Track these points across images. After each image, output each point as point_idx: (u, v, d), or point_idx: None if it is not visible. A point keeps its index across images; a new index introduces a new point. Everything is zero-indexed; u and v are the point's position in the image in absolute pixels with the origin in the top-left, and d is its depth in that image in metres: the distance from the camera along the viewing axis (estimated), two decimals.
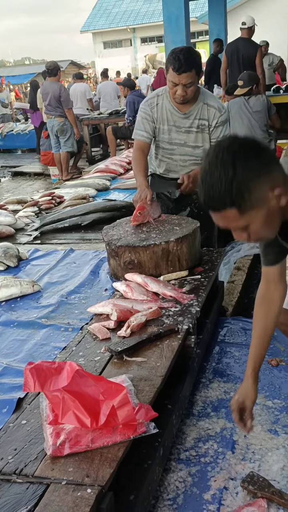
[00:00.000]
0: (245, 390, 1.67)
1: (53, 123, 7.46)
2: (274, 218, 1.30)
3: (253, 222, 1.26)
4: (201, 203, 1.31)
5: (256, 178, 1.20)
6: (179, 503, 1.65)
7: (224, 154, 1.21)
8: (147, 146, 2.96)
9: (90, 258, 3.09)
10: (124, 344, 1.97)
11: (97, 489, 1.29)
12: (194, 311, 2.24)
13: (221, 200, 1.22)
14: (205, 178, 1.23)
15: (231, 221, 1.27)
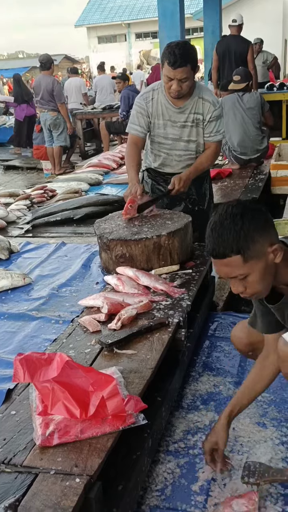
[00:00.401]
0: (218, 432, 1.68)
1: (46, 117, 7.42)
2: (270, 273, 1.43)
3: (253, 273, 1.39)
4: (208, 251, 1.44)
5: (260, 232, 1.38)
6: (167, 494, 1.66)
7: (234, 209, 1.39)
8: (141, 141, 2.95)
9: (81, 251, 3.09)
10: (115, 336, 1.98)
11: (85, 479, 1.29)
12: (185, 305, 2.25)
13: (228, 246, 1.36)
14: (214, 228, 1.40)
15: (234, 268, 1.39)
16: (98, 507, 1.29)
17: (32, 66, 23.38)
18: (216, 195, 4.59)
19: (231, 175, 5.16)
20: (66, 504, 1.22)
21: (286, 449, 1.83)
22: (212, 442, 1.68)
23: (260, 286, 1.44)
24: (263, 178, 5.02)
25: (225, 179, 5.04)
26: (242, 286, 1.43)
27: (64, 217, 3.78)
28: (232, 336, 1.95)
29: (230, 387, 2.22)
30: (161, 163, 3.04)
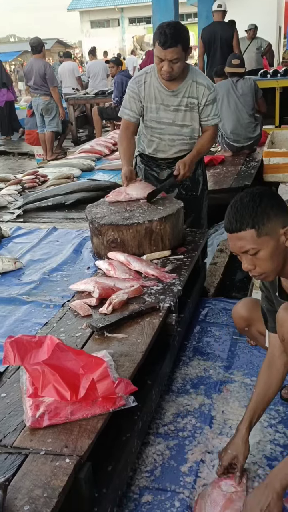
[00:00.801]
0: (238, 445, 1.62)
1: (38, 102, 7.33)
2: (279, 255, 1.49)
3: (264, 249, 1.46)
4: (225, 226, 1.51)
5: (275, 212, 1.46)
6: (157, 475, 1.68)
7: (255, 190, 1.50)
8: (133, 126, 2.93)
9: (73, 236, 3.08)
10: (106, 320, 1.98)
11: (75, 459, 1.30)
12: (176, 290, 2.25)
13: (244, 220, 1.45)
14: (234, 205, 1.49)
15: (247, 242, 1.46)
16: (87, 487, 1.30)
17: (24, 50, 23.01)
18: (209, 182, 4.56)
19: (224, 162, 5.15)
20: (56, 484, 1.23)
21: (274, 431, 1.85)
22: (232, 456, 1.61)
23: (269, 265, 1.49)
24: (255, 165, 5.01)
25: (218, 166, 5.03)
26: (252, 263, 1.49)
27: (55, 203, 3.76)
28: (233, 310, 1.95)
29: (220, 371, 2.24)
30: (154, 149, 3.02)
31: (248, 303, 1.92)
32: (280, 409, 1.96)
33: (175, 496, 1.59)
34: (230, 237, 1.52)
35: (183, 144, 2.94)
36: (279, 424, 1.89)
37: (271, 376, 1.69)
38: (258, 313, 1.86)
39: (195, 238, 2.85)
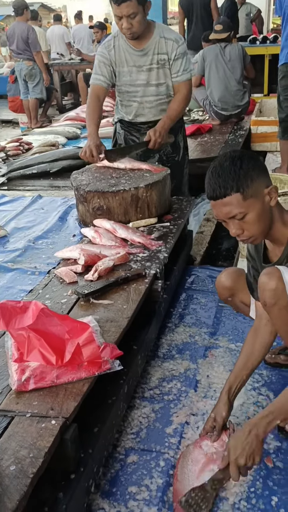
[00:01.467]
0: (217, 407, 1.65)
1: (21, 67, 7.10)
2: (266, 217, 1.49)
3: (251, 212, 1.45)
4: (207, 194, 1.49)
5: (257, 172, 1.46)
6: (142, 436, 1.71)
7: (233, 154, 1.49)
8: (103, 91, 2.83)
9: (58, 204, 3.04)
10: (91, 287, 1.97)
11: (61, 421, 1.31)
12: (162, 257, 2.25)
13: (228, 185, 1.43)
14: (214, 171, 1.46)
15: (233, 207, 1.45)
16: (73, 447, 1.32)
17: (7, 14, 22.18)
18: (196, 151, 4.55)
19: (211, 130, 5.09)
20: (42, 445, 1.24)
21: (258, 394, 1.89)
22: (211, 418, 1.65)
23: (257, 227, 1.49)
24: (243, 134, 4.96)
25: (205, 135, 4.97)
26: (240, 227, 1.49)
27: (40, 170, 3.70)
28: (217, 280, 1.95)
29: (205, 337, 2.26)
30: (134, 114, 2.96)
31: (231, 273, 1.91)
32: (264, 373, 2.00)
33: (160, 456, 1.62)
34: (215, 205, 1.49)
35: (161, 104, 2.88)
36: (262, 387, 1.92)
37: (255, 344, 1.71)
38: (241, 283, 1.87)
39: (181, 206, 2.83)
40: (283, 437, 1.67)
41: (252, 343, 1.71)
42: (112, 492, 1.49)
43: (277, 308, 1.51)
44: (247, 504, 1.44)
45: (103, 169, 2.80)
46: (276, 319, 1.56)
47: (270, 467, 1.56)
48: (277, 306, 1.51)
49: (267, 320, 1.71)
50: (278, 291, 1.49)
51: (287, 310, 1.51)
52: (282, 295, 1.49)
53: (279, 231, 1.56)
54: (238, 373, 1.68)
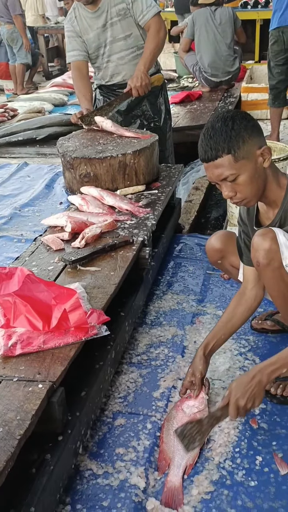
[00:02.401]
0: (194, 363, 1.69)
1: (3, 31, 6.86)
2: (259, 178, 1.48)
3: (243, 173, 1.44)
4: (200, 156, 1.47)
5: (249, 133, 1.43)
6: (130, 400, 1.73)
7: (225, 114, 1.46)
8: (84, 65, 2.82)
9: (45, 172, 2.99)
10: (78, 254, 1.96)
11: (48, 384, 1.32)
12: (150, 224, 2.23)
13: (219, 146, 1.41)
14: (206, 132, 1.45)
15: (225, 168, 1.43)
16: (60, 410, 1.33)
17: None
18: (185, 118, 4.47)
19: (201, 97, 5.01)
20: (29, 408, 1.24)
21: (244, 359, 1.91)
22: (189, 373, 1.68)
23: (250, 189, 1.47)
24: (233, 101, 4.89)
25: (195, 102, 4.88)
26: (232, 190, 1.48)
27: (26, 137, 3.62)
28: (207, 242, 1.94)
29: (193, 304, 2.27)
30: (110, 75, 2.91)
31: (221, 236, 1.91)
32: (250, 339, 2.02)
33: (147, 419, 1.64)
34: (207, 167, 1.48)
35: (134, 57, 2.82)
36: (248, 352, 1.94)
37: (238, 306, 1.73)
38: (231, 246, 1.86)
39: (170, 173, 2.80)
40: (268, 399, 1.70)
41: (236, 305, 1.73)
42: (99, 454, 1.52)
43: (270, 269, 1.51)
44: (232, 463, 1.47)
45: (90, 135, 2.75)
46: (268, 280, 1.56)
47: (254, 428, 1.59)
48: (270, 267, 1.51)
49: (254, 285, 1.72)
50: (271, 251, 1.49)
51: (279, 272, 1.51)
52: (275, 256, 1.49)
53: (274, 193, 1.55)
54: (217, 332, 1.71)
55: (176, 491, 1.39)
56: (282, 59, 3.96)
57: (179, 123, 4.28)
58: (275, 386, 1.71)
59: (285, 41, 3.86)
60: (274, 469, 1.45)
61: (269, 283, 1.57)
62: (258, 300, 1.74)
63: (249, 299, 1.73)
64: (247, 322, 2.09)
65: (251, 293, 1.74)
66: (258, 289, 1.74)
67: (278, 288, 1.56)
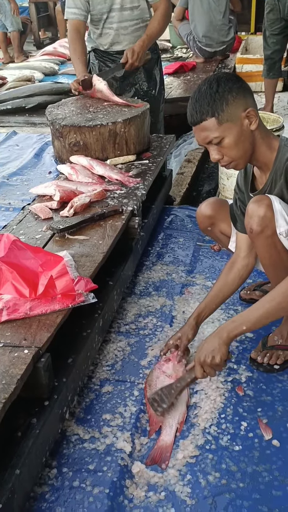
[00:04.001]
0: (184, 329, 1.72)
1: None
2: (246, 140, 1.46)
3: (227, 136, 1.43)
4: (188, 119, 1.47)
5: (234, 95, 1.41)
6: (117, 368, 1.74)
7: (211, 77, 1.47)
8: (82, 25, 2.71)
9: (34, 141, 2.94)
10: (67, 222, 1.93)
11: (34, 350, 1.31)
12: (140, 194, 2.20)
13: (203, 110, 1.42)
14: (193, 96, 1.46)
15: (209, 132, 1.43)
16: (46, 375, 1.33)
17: None
18: (178, 89, 4.40)
19: (195, 68, 4.92)
20: (14, 372, 1.24)
21: None
22: (176, 336, 1.71)
23: (236, 152, 1.46)
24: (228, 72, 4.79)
25: (188, 73, 4.80)
26: (219, 153, 1.47)
27: (15, 106, 3.54)
28: (198, 209, 1.92)
29: (182, 275, 2.27)
30: (110, 42, 2.83)
31: (212, 203, 1.89)
32: (239, 309, 2.02)
33: (134, 386, 1.65)
34: (194, 130, 1.49)
35: (137, 29, 2.76)
36: None
37: (229, 274, 1.72)
38: (223, 213, 1.85)
39: (161, 143, 2.75)
40: (254, 368, 1.72)
41: (227, 273, 1.73)
42: (86, 419, 1.53)
43: (263, 236, 1.50)
44: (217, 429, 1.49)
45: (80, 103, 2.69)
46: (260, 248, 1.55)
47: (240, 396, 1.61)
48: (263, 235, 1.50)
49: (246, 253, 1.72)
50: (266, 218, 1.47)
51: (272, 240, 1.50)
52: (269, 224, 1.48)
53: (264, 156, 1.53)
54: (209, 301, 1.72)
55: (166, 449, 1.42)
56: (277, 28, 3.88)
57: (172, 94, 4.21)
58: (262, 355, 1.73)
59: (281, 9, 3.77)
60: (259, 435, 1.47)
61: (261, 251, 1.56)
62: (249, 268, 1.74)
63: (241, 268, 1.73)
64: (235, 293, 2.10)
65: (243, 262, 1.74)
66: (250, 257, 1.74)
67: (269, 256, 1.55)
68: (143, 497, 1.30)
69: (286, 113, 4.48)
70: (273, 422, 1.51)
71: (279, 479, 1.34)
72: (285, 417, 1.52)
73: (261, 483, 1.33)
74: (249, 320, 1.45)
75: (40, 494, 1.30)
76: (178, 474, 1.36)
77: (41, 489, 1.31)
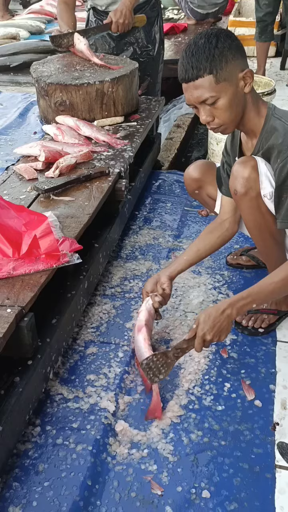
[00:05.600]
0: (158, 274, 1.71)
1: None
2: (239, 104, 1.41)
3: (223, 96, 1.36)
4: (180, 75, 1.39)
5: (233, 53, 1.34)
6: (102, 330, 1.73)
7: (210, 32, 1.37)
8: None
9: (18, 100, 2.85)
10: (52, 183, 1.89)
11: (17, 309, 1.29)
12: (127, 156, 2.15)
13: (201, 65, 1.33)
14: (188, 49, 1.36)
15: (205, 90, 1.35)
16: (30, 335, 1.31)
17: None
18: (169, 51, 4.26)
19: (186, 30, 4.76)
20: None
21: (218, 293, 1.91)
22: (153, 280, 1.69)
23: (228, 114, 1.40)
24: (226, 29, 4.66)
25: (179, 35, 4.65)
26: (210, 114, 1.41)
27: None
28: (185, 172, 1.90)
29: (169, 239, 2.25)
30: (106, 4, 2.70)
31: (200, 166, 1.85)
32: (225, 274, 2.02)
33: (119, 348, 1.65)
34: (186, 87, 1.40)
35: None
36: (222, 287, 1.95)
37: (209, 236, 1.73)
38: (210, 176, 1.82)
39: (150, 105, 2.68)
40: (239, 331, 1.72)
41: (207, 234, 1.73)
42: (70, 380, 1.53)
43: (247, 198, 1.48)
44: (201, 389, 1.50)
45: (67, 60, 2.59)
46: (244, 210, 1.53)
47: (224, 358, 1.61)
48: (247, 196, 1.47)
49: (229, 216, 1.70)
50: (250, 180, 1.45)
51: (257, 201, 1.48)
52: (254, 185, 1.45)
53: (252, 122, 1.48)
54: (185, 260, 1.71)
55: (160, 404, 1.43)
56: None
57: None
58: (247, 319, 1.73)
59: None
60: (242, 395, 1.48)
61: (245, 213, 1.54)
62: (230, 231, 1.73)
63: (223, 229, 1.72)
64: (222, 258, 2.09)
65: (224, 224, 1.73)
66: (233, 221, 1.72)
67: (254, 219, 1.53)
68: (126, 454, 1.31)
69: (278, 79, 4.40)
70: (256, 383, 1.52)
71: (260, 438, 1.36)
72: (268, 378, 1.54)
73: (243, 441, 1.35)
74: (259, 298, 1.43)
75: (23, 451, 1.30)
76: (161, 432, 1.37)
77: (24, 446, 1.32)
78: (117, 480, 1.25)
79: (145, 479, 1.25)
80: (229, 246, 2.15)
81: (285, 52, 4.61)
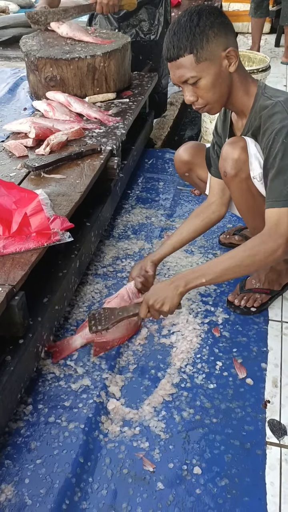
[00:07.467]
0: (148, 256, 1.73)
1: None
2: (223, 83, 1.37)
3: (205, 76, 1.33)
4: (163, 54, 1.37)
5: (215, 31, 1.30)
6: (94, 309, 1.72)
7: (193, 9, 1.34)
8: None
9: (8, 76, 2.78)
10: (42, 160, 1.85)
11: (7, 288, 1.27)
12: (119, 133, 2.12)
13: (181, 45, 1.30)
14: (171, 27, 1.33)
15: (186, 70, 1.33)
16: (20, 314, 1.30)
17: None
18: None
19: (180, 5, 4.66)
20: None
21: None
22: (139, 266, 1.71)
23: (212, 94, 1.37)
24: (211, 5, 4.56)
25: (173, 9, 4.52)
26: (194, 94, 1.38)
27: None
28: (175, 154, 1.88)
29: (162, 219, 2.23)
30: None
31: (190, 148, 1.83)
32: (218, 253, 2.01)
33: None
34: (170, 66, 1.38)
35: None
36: None
37: (194, 219, 1.72)
38: (200, 158, 1.79)
39: (142, 82, 2.64)
40: (231, 310, 1.72)
41: (194, 217, 1.72)
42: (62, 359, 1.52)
43: (237, 180, 1.46)
44: (193, 368, 1.51)
45: (57, 34, 2.52)
46: (234, 192, 1.51)
47: (217, 337, 1.62)
48: (237, 178, 1.45)
49: (217, 198, 1.69)
50: (240, 161, 1.43)
51: (246, 183, 1.46)
52: (243, 167, 1.43)
53: (240, 101, 1.44)
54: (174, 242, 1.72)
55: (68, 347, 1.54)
56: None
57: None
58: (239, 298, 1.73)
59: None
60: (233, 373, 1.49)
61: (236, 195, 1.53)
62: (217, 214, 1.71)
63: (209, 212, 1.71)
64: (215, 237, 2.08)
65: (212, 207, 1.71)
66: (220, 204, 1.71)
67: (244, 200, 1.52)
68: (118, 432, 1.32)
69: (273, 56, 4.33)
70: (247, 362, 1.53)
71: (252, 415, 1.37)
72: (260, 357, 1.55)
73: (234, 418, 1.36)
74: (209, 273, 1.40)
75: (15, 429, 1.30)
76: (153, 410, 1.38)
77: (16, 424, 1.32)
78: (109, 457, 1.26)
79: (137, 456, 1.26)
80: (222, 225, 2.14)
81: (280, 28, 4.53)
